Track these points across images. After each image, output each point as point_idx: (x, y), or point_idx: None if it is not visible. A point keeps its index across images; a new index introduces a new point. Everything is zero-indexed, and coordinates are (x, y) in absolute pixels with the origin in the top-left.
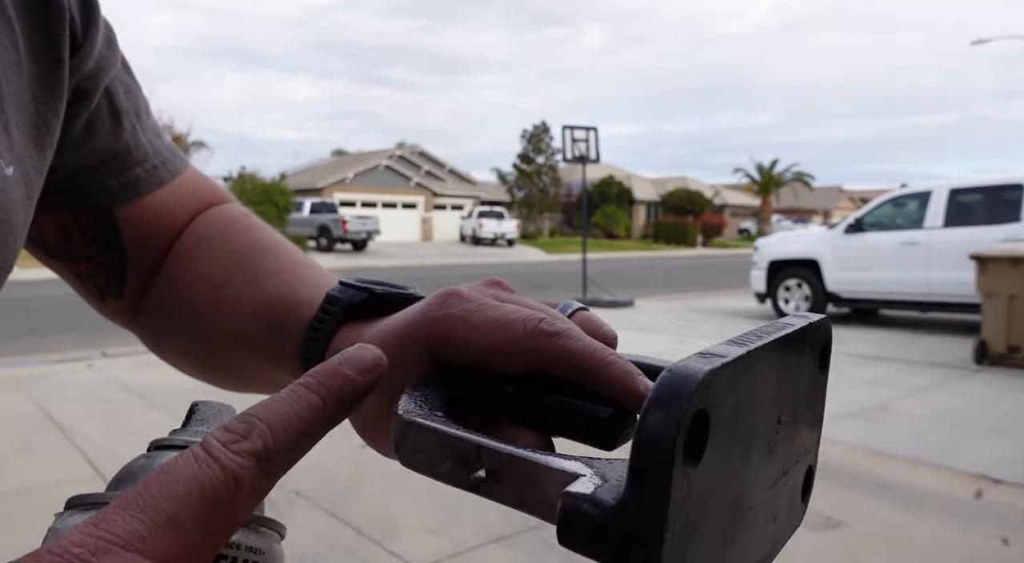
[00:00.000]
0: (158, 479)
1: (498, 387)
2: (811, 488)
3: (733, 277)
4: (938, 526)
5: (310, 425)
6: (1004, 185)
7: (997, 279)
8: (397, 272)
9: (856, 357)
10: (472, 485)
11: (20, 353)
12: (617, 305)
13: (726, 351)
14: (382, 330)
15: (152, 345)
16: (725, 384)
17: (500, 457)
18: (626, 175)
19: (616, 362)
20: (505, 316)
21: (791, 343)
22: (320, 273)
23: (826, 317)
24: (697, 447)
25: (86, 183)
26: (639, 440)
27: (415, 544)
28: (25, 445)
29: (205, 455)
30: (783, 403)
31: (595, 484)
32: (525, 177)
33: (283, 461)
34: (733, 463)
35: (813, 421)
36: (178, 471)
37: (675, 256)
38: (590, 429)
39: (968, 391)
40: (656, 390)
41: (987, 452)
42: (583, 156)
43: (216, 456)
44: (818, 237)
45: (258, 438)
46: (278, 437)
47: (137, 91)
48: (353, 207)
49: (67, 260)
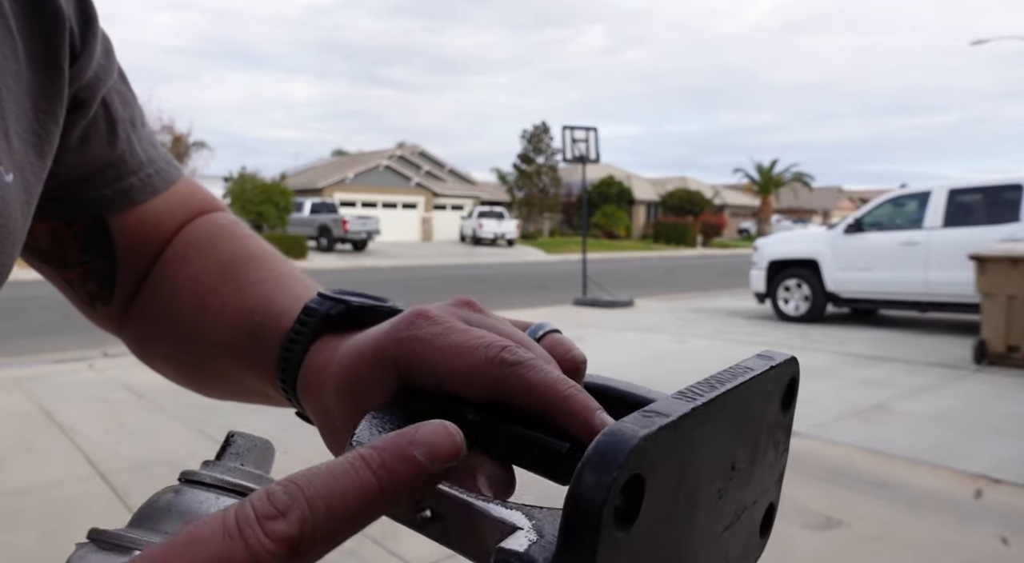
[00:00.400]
0: (178, 551)
1: (461, 413)
2: (772, 524)
3: (733, 277)
4: (938, 526)
5: (357, 510)
6: (1003, 185)
7: (996, 279)
8: (397, 272)
9: (856, 357)
10: (419, 524)
11: (20, 353)
12: (617, 305)
13: (671, 408)
14: (354, 346)
15: (138, 351)
16: (665, 445)
17: (443, 499)
18: (626, 175)
19: (575, 396)
20: (468, 342)
21: (750, 389)
22: (303, 284)
23: (793, 357)
24: (631, 511)
25: (80, 191)
26: (569, 503)
27: (415, 544)
28: (26, 445)
29: (235, 529)
30: (738, 449)
31: (530, 540)
32: (525, 177)
33: (317, 548)
34: (674, 520)
35: (775, 459)
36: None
37: (675, 256)
38: (548, 463)
39: (967, 391)
40: (589, 453)
41: (987, 452)
42: (583, 156)
43: (244, 532)
44: (818, 237)
45: (296, 521)
46: (318, 520)
47: (133, 101)
48: (353, 207)
49: (59, 266)
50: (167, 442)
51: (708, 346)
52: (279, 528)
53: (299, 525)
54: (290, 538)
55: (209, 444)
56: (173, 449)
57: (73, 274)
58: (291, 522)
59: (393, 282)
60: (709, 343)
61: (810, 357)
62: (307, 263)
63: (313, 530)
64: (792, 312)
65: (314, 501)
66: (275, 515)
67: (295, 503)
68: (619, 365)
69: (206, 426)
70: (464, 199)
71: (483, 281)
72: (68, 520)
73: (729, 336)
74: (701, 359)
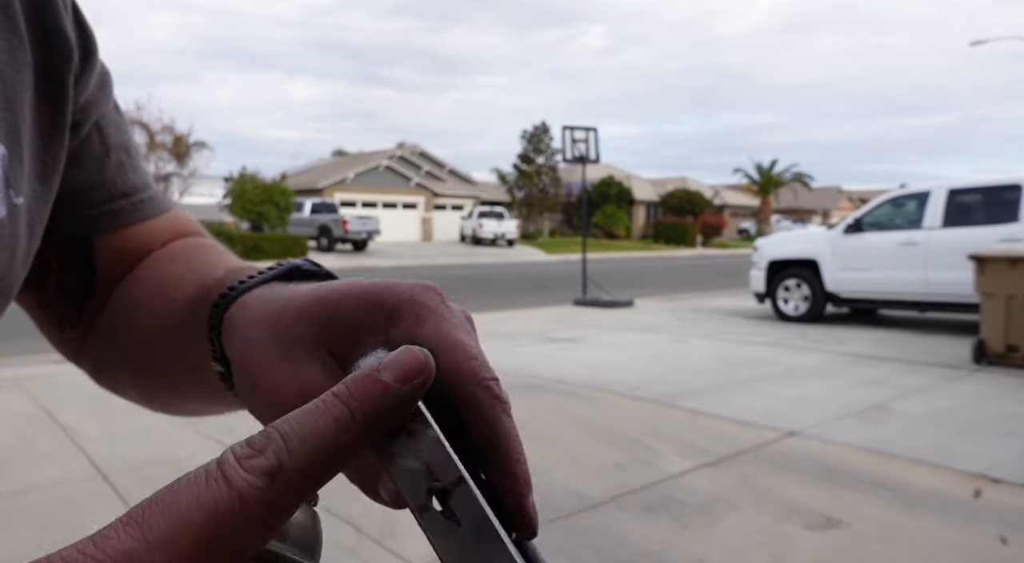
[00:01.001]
0: (163, 496)
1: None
2: None
3: (733, 277)
4: (937, 526)
5: (334, 440)
6: (1003, 185)
7: (996, 279)
8: (397, 272)
9: (855, 357)
10: (420, 507)
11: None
12: (617, 305)
13: None
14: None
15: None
16: None
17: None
18: (626, 175)
19: (522, 465)
20: (470, 349)
21: None
22: None
23: None
24: None
25: (68, 209)
26: None
27: (415, 543)
28: (26, 445)
29: (217, 471)
30: None
31: None
32: (525, 177)
33: (300, 480)
34: None
35: None
36: (184, 489)
37: (675, 256)
38: None
39: (967, 391)
40: None
41: (986, 452)
42: (583, 156)
43: (226, 473)
44: (817, 237)
45: (272, 454)
46: (294, 453)
47: (128, 132)
48: (353, 207)
49: (35, 285)
50: (167, 442)
51: (708, 346)
52: (258, 463)
53: (275, 457)
54: (269, 469)
55: (208, 445)
56: (172, 450)
57: (48, 294)
58: (268, 455)
59: None
60: (709, 343)
61: (810, 357)
62: None
63: (290, 460)
64: (792, 312)
65: (288, 435)
66: (253, 454)
67: (271, 440)
68: (619, 365)
69: (205, 427)
70: (464, 199)
71: (483, 281)
72: (68, 520)
73: (729, 336)
74: (701, 359)
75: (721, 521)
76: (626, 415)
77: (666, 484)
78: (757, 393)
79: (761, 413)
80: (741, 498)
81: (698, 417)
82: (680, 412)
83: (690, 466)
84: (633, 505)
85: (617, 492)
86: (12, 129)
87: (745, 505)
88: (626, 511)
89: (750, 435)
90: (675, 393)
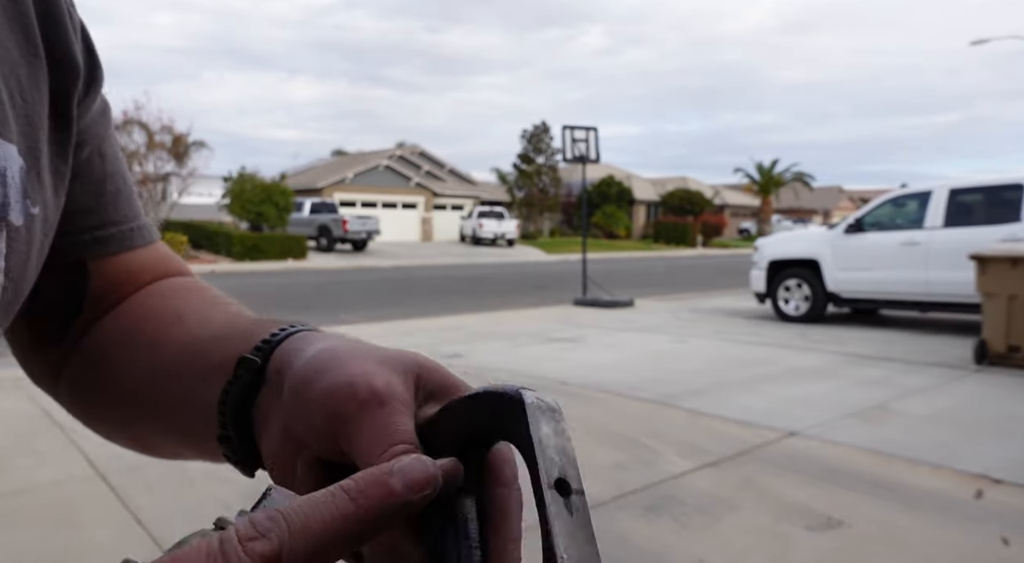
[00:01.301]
0: None
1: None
2: None
3: (733, 277)
4: (938, 526)
5: (335, 533)
6: (1004, 185)
7: (997, 279)
8: (397, 272)
9: (856, 357)
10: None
11: None
12: (617, 305)
13: None
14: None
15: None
16: None
17: None
18: (626, 175)
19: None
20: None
21: None
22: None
23: None
24: None
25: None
26: None
27: None
28: (25, 445)
29: (218, 550)
30: None
31: None
32: (525, 177)
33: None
34: None
35: None
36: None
37: (675, 256)
38: None
39: (968, 391)
40: None
41: (987, 452)
42: (583, 156)
43: (226, 552)
44: (818, 237)
45: (275, 538)
46: (295, 541)
47: (124, 162)
48: (353, 207)
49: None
50: None
51: (708, 346)
52: (258, 546)
53: (278, 543)
54: (268, 553)
55: None
56: None
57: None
58: (271, 539)
59: (393, 282)
60: (709, 343)
61: (811, 357)
62: (307, 263)
63: (292, 549)
64: (792, 312)
65: (293, 523)
66: (256, 536)
67: (275, 525)
68: (619, 365)
69: None
70: (464, 199)
71: (483, 281)
72: (68, 520)
73: (729, 336)
74: (701, 359)
75: (721, 521)
76: (626, 415)
77: (666, 484)
78: (758, 393)
79: (762, 413)
80: (741, 498)
81: (698, 417)
82: (680, 412)
83: (690, 466)
84: (633, 505)
85: (617, 492)
86: (32, 145)
87: (745, 505)
88: (626, 511)
89: (750, 435)
90: (675, 393)
